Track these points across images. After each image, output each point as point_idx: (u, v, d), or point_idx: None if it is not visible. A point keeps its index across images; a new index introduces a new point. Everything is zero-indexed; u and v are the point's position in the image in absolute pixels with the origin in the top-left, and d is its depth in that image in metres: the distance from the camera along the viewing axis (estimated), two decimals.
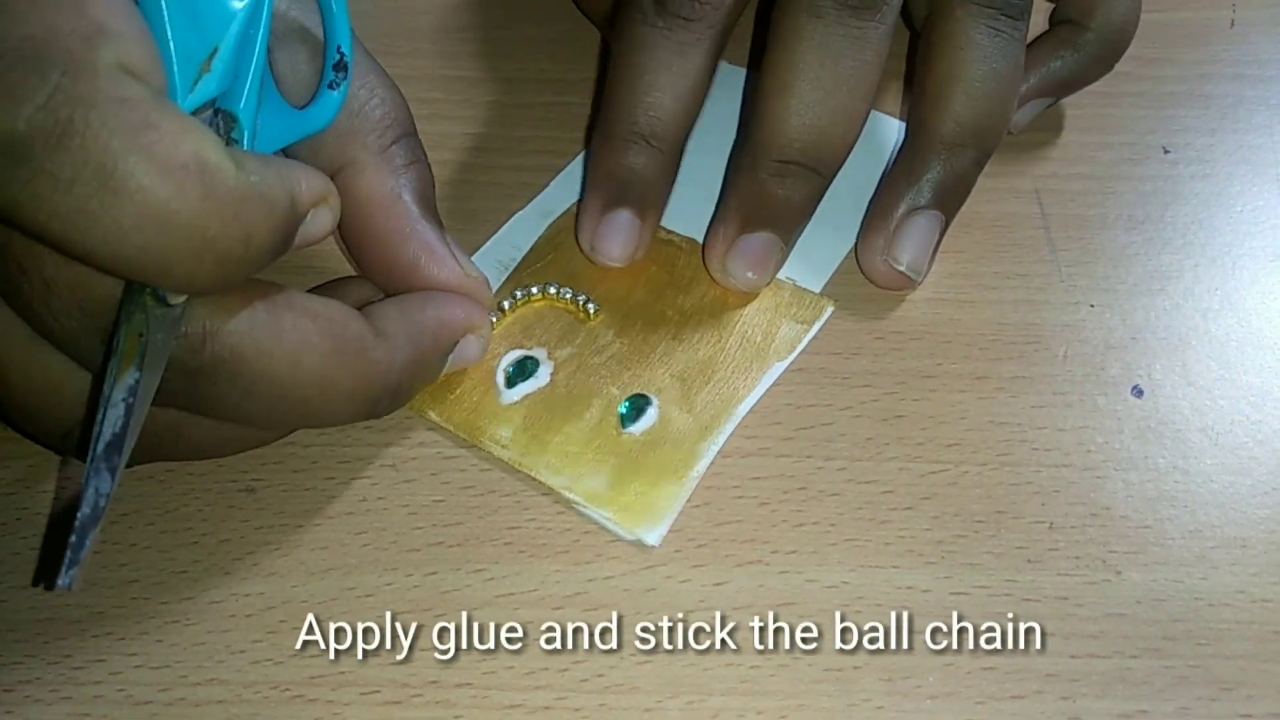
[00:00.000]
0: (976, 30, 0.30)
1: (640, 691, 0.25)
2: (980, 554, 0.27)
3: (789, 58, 0.29)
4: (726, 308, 0.31)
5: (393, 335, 0.26)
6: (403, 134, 0.29)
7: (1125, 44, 0.35)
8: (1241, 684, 0.25)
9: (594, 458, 0.28)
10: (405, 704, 0.25)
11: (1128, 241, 0.33)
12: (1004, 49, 0.30)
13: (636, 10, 0.30)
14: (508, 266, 0.32)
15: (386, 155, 0.28)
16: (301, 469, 0.28)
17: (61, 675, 0.25)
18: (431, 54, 0.38)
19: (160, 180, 0.20)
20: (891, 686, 0.25)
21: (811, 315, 0.31)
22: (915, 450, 0.28)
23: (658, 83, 0.30)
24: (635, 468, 0.28)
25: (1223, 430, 0.29)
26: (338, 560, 0.27)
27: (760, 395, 0.29)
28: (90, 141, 0.20)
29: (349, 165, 0.28)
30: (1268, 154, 0.35)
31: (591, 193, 0.31)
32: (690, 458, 0.28)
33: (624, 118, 0.30)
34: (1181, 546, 0.27)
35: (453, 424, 0.29)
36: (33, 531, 0.27)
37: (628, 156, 0.30)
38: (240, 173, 0.21)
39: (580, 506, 0.27)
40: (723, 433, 0.28)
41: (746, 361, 0.30)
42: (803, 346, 0.30)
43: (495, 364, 0.30)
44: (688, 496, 0.27)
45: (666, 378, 0.29)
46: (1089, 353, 0.30)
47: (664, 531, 0.27)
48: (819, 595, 0.26)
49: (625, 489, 0.27)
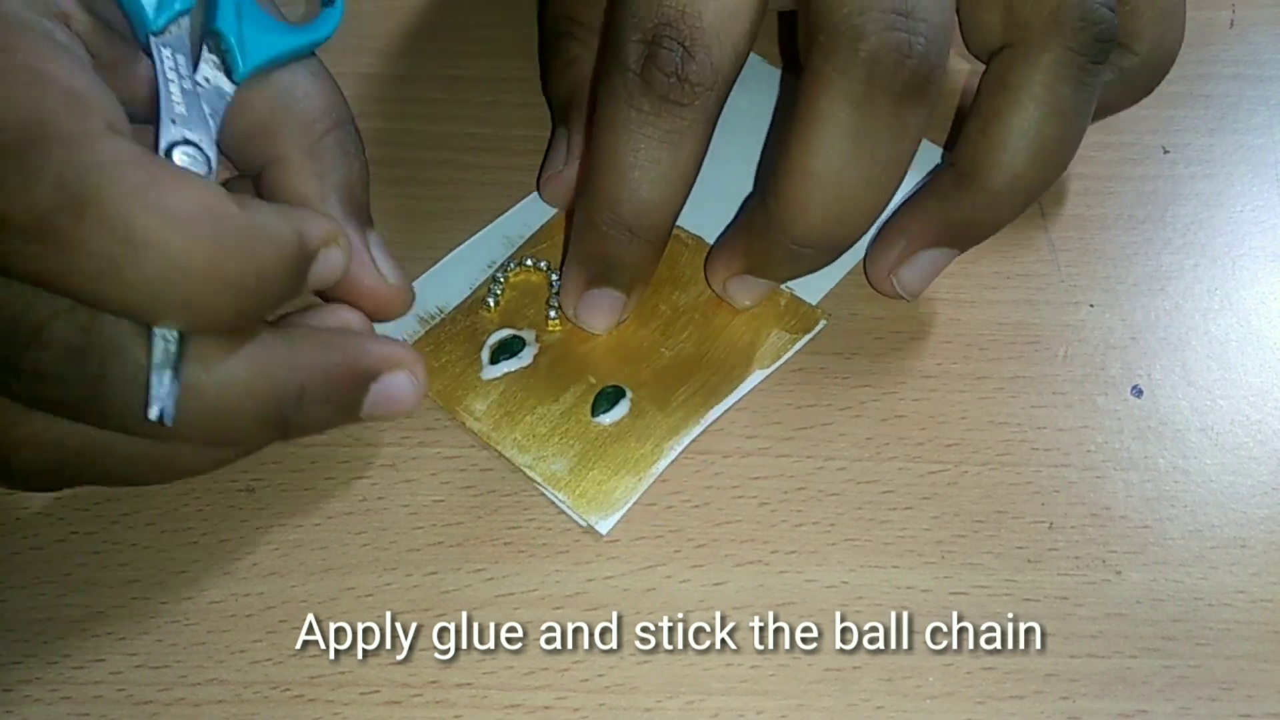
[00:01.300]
0: (1062, 84, 0.26)
1: (640, 691, 0.25)
2: (980, 554, 0.27)
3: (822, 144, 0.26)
4: (720, 309, 0.31)
5: (299, 335, 0.25)
6: (333, 126, 0.28)
7: (1169, 68, 0.32)
8: (1241, 684, 0.25)
9: (560, 441, 0.28)
10: (405, 704, 0.25)
11: (1128, 241, 0.33)
12: (1083, 105, 0.27)
13: (621, 89, 0.26)
14: (514, 242, 0.32)
15: (313, 152, 0.27)
16: (301, 469, 0.28)
17: (61, 675, 0.25)
18: (431, 54, 0.38)
19: (176, 231, 0.21)
20: (891, 686, 0.25)
21: (803, 327, 0.31)
22: (915, 450, 0.28)
23: (646, 177, 0.26)
24: (598, 456, 0.28)
25: (1222, 430, 0.29)
26: (337, 560, 0.27)
27: (733, 402, 0.29)
28: (106, 207, 0.21)
29: (274, 163, 0.27)
30: (1268, 154, 0.35)
31: (575, 267, 0.29)
32: (653, 454, 0.28)
33: (607, 206, 0.27)
34: (1181, 546, 0.27)
35: (432, 391, 0.29)
36: (33, 531, 0.27)
37: (612, 245, 0.28)
38: (245, 213, 0.22)
39: (540, 486, 0.27)
40: (689, 434, 0.28)
41: (729, 366, 0.30)
42: (787, 357, 0.30)
43: (484, 339, 0.30)
44: (644, 490, 0.27)
45: (646, 372, 0.30)
46: (1089, 353, 0.30)
47: (616, 521, 0.27)
48: (819, 595, 0.26)
49: (585, 475, 0.28)
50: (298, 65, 0.28)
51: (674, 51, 0.25)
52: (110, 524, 0.27)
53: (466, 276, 0.31)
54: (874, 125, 0.25)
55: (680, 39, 0.25)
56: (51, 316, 0.22)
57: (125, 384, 0.22)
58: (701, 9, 0.25)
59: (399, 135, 0.35)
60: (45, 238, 0.21)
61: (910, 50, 0.24)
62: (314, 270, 0.25)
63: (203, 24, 0.26)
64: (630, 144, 0.26)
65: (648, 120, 0.26)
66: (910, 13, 0.24)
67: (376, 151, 0.35)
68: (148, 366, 0.22)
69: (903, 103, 0.25)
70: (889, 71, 0.24)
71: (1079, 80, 0.27)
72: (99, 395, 0.23)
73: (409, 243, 0.32)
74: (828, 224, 0.26)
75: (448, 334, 0.30)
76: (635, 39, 0.25)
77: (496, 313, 0.31)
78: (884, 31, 0.24)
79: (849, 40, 0.24)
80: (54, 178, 0.20)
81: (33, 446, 0.24)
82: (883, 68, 0.24)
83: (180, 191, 0.22)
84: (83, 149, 0.21)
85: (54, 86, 0.22)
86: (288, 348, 0.25)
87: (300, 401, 0.25)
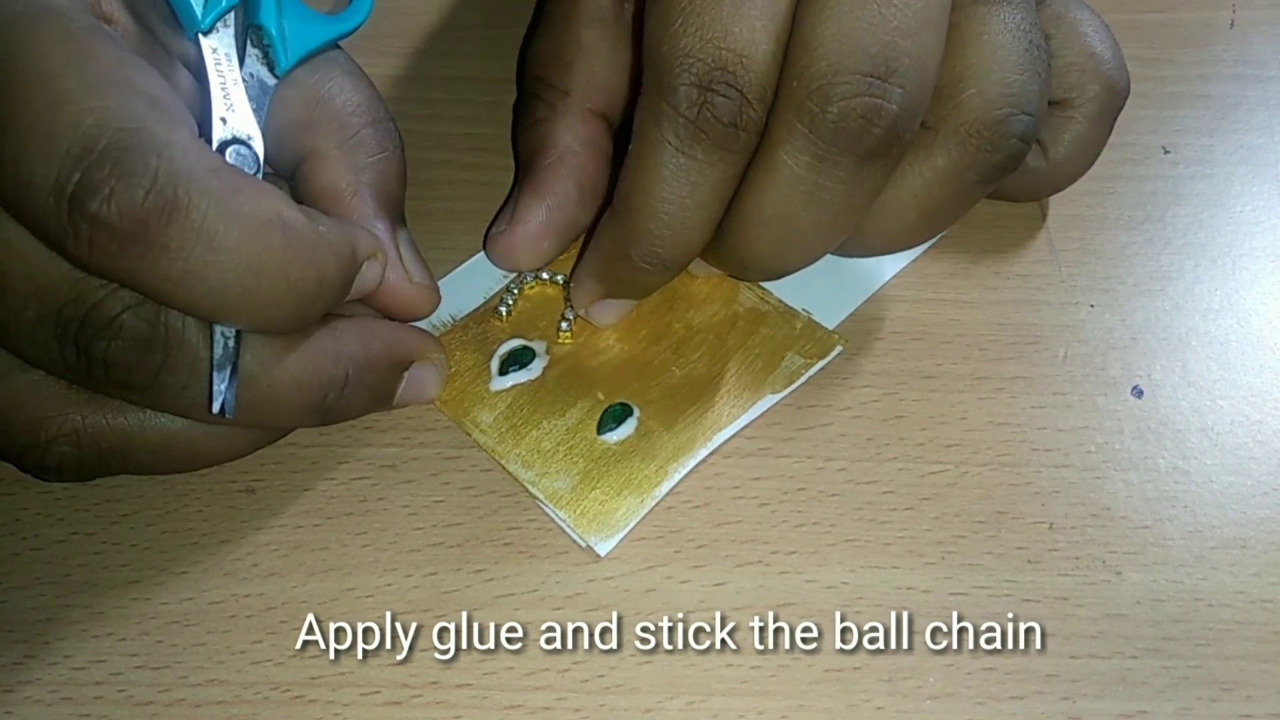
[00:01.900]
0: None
1: (640, 692, 0.25)
2: (980, 554, 0.27)
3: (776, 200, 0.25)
4: (734, 329, 0.30)
5: (342, 327, 0.26)
6: (369, 122, 0.28)
7: (1064, 188, 0.32)
8: (1241, 684, 0.25)
9: (564, 458, 0.28)
10: (405, 704, 0.25)
11: (1128, 242, 0.33)
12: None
13: (670, 133, 0.25)
14: None
15: (348, 147, 0.28)
16: (301, 469, 0.28)
17: (62, 675, 0.25)
18: (431, 54, 0.38)
19: (252, 237, 0.22)
20: (892, 687, 0.25)
21: (819, 351, 0.30)
22: (915, 451, 0.28)
23: (691, 220, 0.25)
24: (602, 475, 0.28)
25: (1222, 431, 0.29)
26: (338, 561, 0.27)
27: (741, 426, 0.29)
28: (195, 213, 0.22)
29: (310, 156, 0.28)
30: (1268, 154, 0.35)
31: (595, 283, 0.29)
32: (658, 475, 0.28)
33: (646, 245, 0.26)
34: (1181, 547, 0.27)
35: (440, 400, 0.29)
36: (33, 532, 0.27)
37: (641, 274, 0.27)
38: (311, 223, 0.24)
39: (541, 504, 0.27)
40: (695, 457, 0.28)
41: (740, 388, 0.29)
42: (801, 382, 0.29)
43: (494, 349, 0.30)
44: (647, 513, 0.27)
45: (655, 390, 0.29)
46: (1089, 353, 0.30)
47: (616, 543, 0.27)
48: (819, 596, 0.26)
49: (587, 494, 0.27)
50: (332, 62, 0.28)
51: (733, 100, 0.24)
52: (110, 524, 0.27)
53: (481, 285, 0.31)
54: (832, 182, 0.25)
55: (739, 85, 0.24)
56: (124, 309, 0.23)
57: (184, 372, 0.24)
58: (759, 53, 0.24)
59: None
60: (137, 240, 0.21)
61: (879, 118, 0.24)
62: (358, 279, 0.26)
63: (244, 20, 0.27)
64: (678, 190, 0.25)
65: (699, 168, 0.25)
66: (889, 76, 0.24)
67: None
68: (209, 361, 0.24)
69: (864, 164, 0.24)
70: (854, 136, 0.24)
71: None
72: (160, 383, 0.24)
73: None
74: (773, 260, 0.27)
75: (458, 341, 0.30)
76: (688, 81, 0.24)
77: (508, 322, 0.31)
78: (855, 97, 0.24)
79: (820, 100, 0.24)
80: (149, 183, 0.21)
81: (71, 442, 0.25)
82: (849, 133, 0.24)
83: (257, 199, 0.23)
84: (174, 156, 0.22)
85: (141, 94, 0.22)
86: (333, 339, 0.26)
87: (343, 389, 0.26)
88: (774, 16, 0.24)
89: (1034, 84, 0.26)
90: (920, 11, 0.24)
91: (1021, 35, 0.26)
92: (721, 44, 0.24)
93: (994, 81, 0.26)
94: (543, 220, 0.30)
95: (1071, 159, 0.31)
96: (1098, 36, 0.30)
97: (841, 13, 0.24)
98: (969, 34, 0.26)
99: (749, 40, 0.24)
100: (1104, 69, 0.30)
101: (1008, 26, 0.26)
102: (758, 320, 0.31)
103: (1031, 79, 0.26)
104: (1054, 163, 0.31)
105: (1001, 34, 0.26)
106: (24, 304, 0.23)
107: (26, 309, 0.23)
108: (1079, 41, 0.30)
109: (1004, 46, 0.26)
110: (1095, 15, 0.31)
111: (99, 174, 0.21)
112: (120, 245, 0.21)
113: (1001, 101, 0.26)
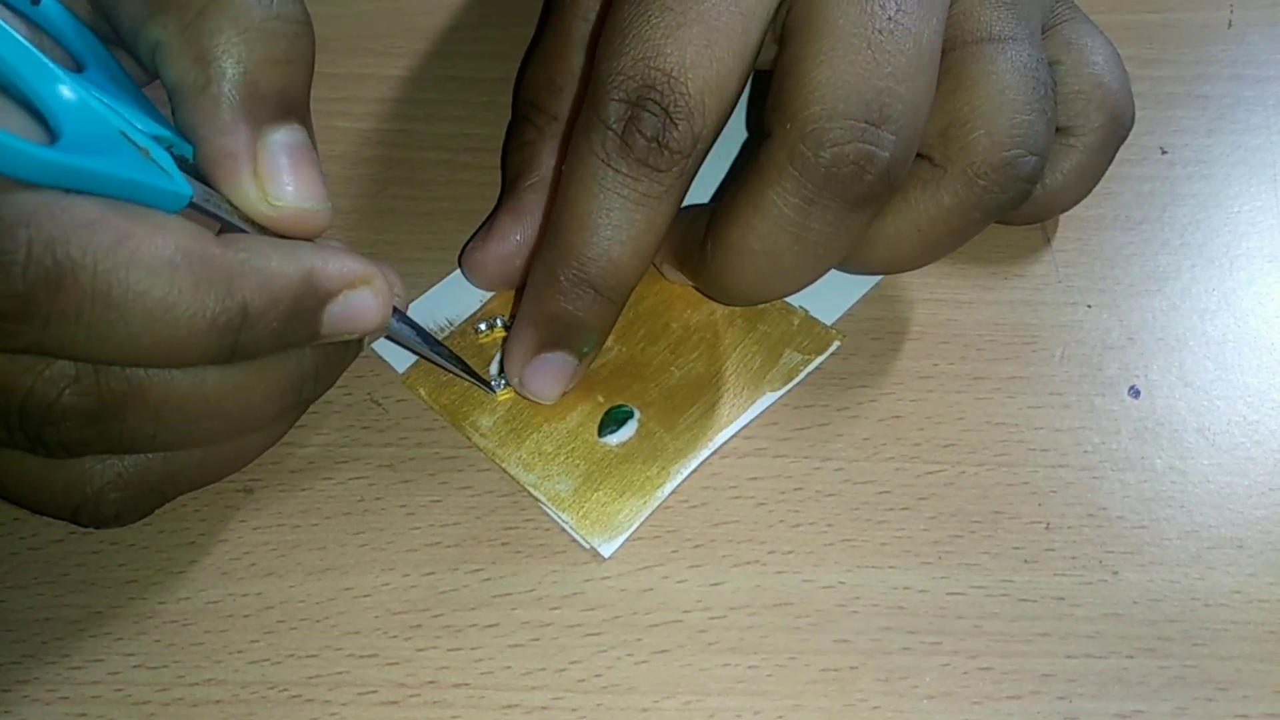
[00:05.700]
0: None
1: (637, 692, 0.25)
2: (977, 554, 0.27)
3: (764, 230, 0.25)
4: (731, 328, 0.30)
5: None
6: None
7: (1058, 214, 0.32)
8: (1238, 684, 0.25)
9: (566, 460, 0.28)
10: (402, 704, 0.25)
11: (1125, 242, 0.33)
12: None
13: (598, 145, 0.25)
14: None
15: (191, 30, 0.24)
16: (299, 469, 0.28)
17: (60, 675, 0.25)
18: (430, 54, 0.38)
19: (152, 282, 0.21)
20: (888, 687, 0.25)
21: (817, 347, 0.30)
22: (912, 451, 0.28)
23: (617, 238, 0.25)
24: (604, 477, 0.28)
25: (1219, 431, 0.29)
26: (335, 560, 0.27)
27: (742, 426, 0.29)
28: (81, 274, 0.20)
29: (156, 52, 0.24)
30: (1265, 154, 0.35)
31: (527, 328, 0.27)
32: (660, 477, 0.28)
33: (575, 263, 0.26)
34: (1178, 547, 0.27)
35: (439, 405, 0.29)
36: (32, 532, 0.27)
37: (573, 302, 0.26)
38: (227, 250, 0.22)
39: (544, 506, 0.27)
40: (697, 457, 0.28)
41: (739, 387, 0.29)
42: (799, 379, 0.30)
43: (493, 353, 0.30)
44: (650, 514, 0.27)
45: (655, 392, 0.29)
46: (1086, 353, 0.30)
47: (619, 544, 0.27)
48: (816, 595, 0.26)
49: (589, 497, 0.27)
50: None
51: (657, 117, 0.24)
52: None
53: (478, 290, 0.31)
54: (819, 225, 0.25)
55: (665, 104, 0.24)
56: (60, 391, 0.22)
57: (150, 423, 0.23)
58: (689, 76, 0.24)
59: (397, 135, 0.35)
60: (31, 316, 0.20)
61: (871, 165, 0.24)
62: (331, 311, 0.24)
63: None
64: (604, 203, 0.25)
65: (624, 182, 0.25)
66: (882, 122, 0.24)
67: (374, 152, 0.35)
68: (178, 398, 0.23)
69: (853, 209, 0.25)
70: (845, 181, 0.24)
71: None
72: (133, 438, 0.23)
73: (405, 243, 0.32)
74: (754, 291, 0.27)
75: (456, 347, 0.30)
76: (618, 97, 0.24)
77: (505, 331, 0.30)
78: (848, 143, 0.24)
79: (813, 144, 0.24)
80: (24, 255, 0.20)
81: (117, 488, 0.24)
82: (840, 178, 0.24)
83: (152, 241, 0.21)
84: (44, 223, 0.20)
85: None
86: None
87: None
88: (741, 51, 0.25)
89: (1041, 123, 0.26)
90: (914, 57, 0.24)
91: (1029, 74, 0.26)
92: (652, 64, 0.24)
93: (1002, 122, 0.26)
94: (518, 240, 0.30)
95: (1069, 188, 0.31)
96: (1107, 65, 0.30)
97: (836, 56, 0.24)
98: (977, 73, 0.26)
99: (680, 62, 0.24)
100: (1110, 99, 0.30)
101: (1014, 66, 0.26)
102: (755, 318, 0.31)
103: (1039, 119, 0.26)
104: (1050, 190, 0.31)
105: (1009, 73, 0.26)
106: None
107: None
108: (1087, 69, 0.30)
109: (1011, 86, 0.26)
110: (1107, 43, 0.31)
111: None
112: (16, 324, 0.20)
113: (1010, 143, 0.26)
